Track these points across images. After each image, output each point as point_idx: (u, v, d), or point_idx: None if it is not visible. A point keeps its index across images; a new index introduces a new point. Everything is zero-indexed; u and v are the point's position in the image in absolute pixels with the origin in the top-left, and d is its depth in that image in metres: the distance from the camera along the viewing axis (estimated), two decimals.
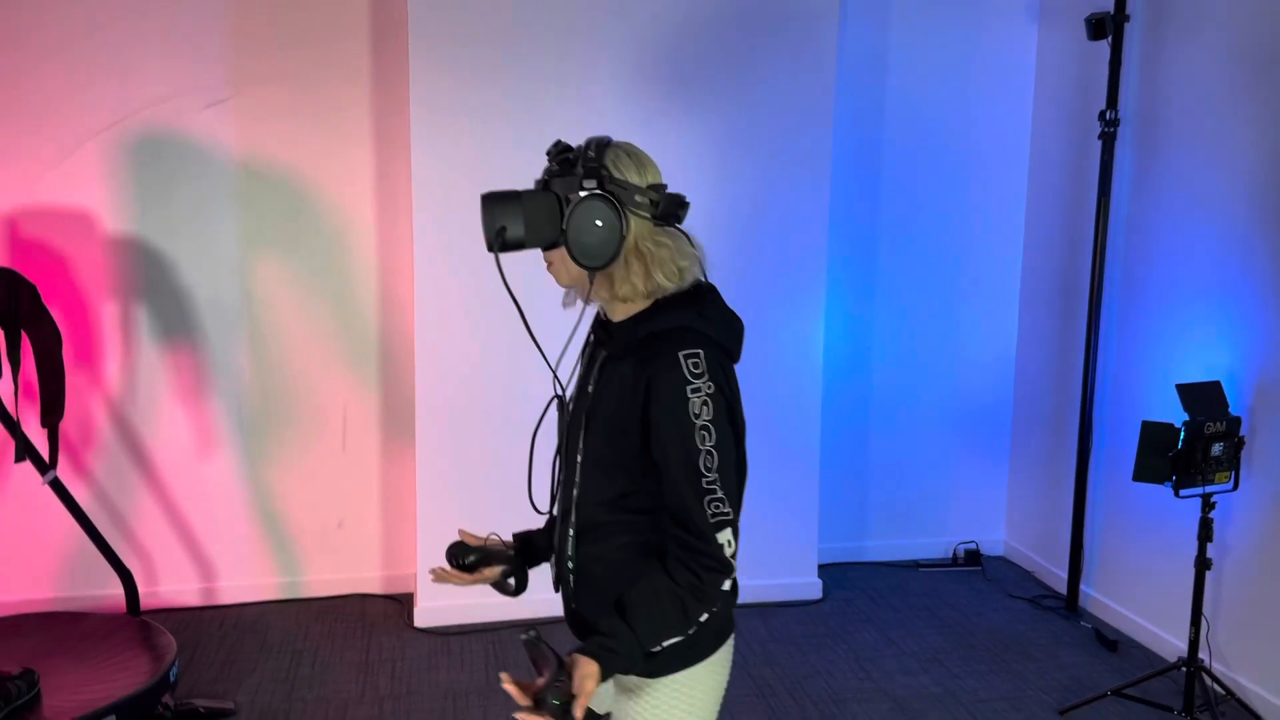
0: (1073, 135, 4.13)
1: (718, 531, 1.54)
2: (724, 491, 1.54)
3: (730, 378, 1.60)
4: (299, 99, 3.81)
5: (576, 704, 1.46)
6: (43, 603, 3.78)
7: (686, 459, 1.54)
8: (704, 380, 1.54)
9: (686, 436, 1.54)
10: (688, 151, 3.79)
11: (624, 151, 1.61)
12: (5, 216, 3.65)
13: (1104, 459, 3.94)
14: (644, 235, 1.59)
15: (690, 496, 1.54)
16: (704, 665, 1.68)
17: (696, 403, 1.53)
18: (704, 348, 1.56)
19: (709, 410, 1.54)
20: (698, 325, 1.59)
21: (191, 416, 3.89)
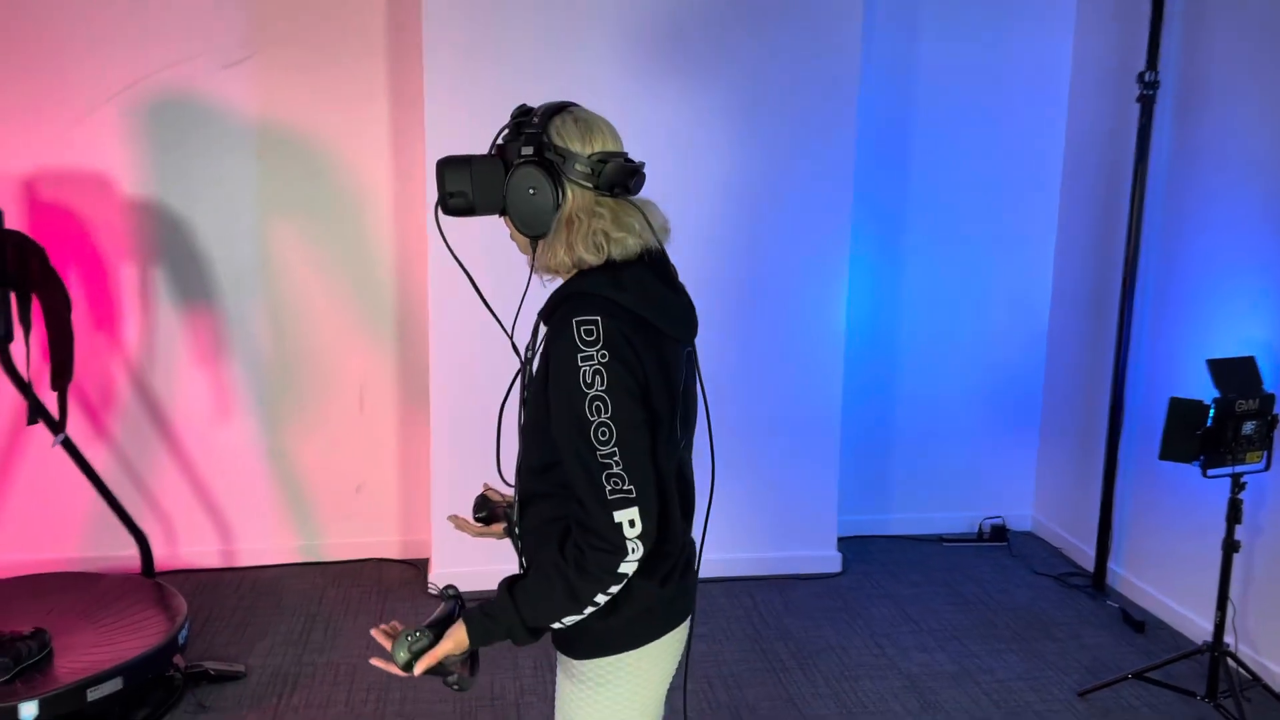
0: (1111, 97, 3.97)
1: (614, 510, 1.44)
2: (626, 468, 1.44)
3: (640, 351, 1.47)
4: (315, 59, 3.77)
5: (420, 660, 1.50)
6: (63, 562, 3.83)
7: (578, 431, 1.45)
8: (597, 349, 1.44)
9: (576, 407, 1.45)
10: (709, 117, 3.69)
11: (573, 118, 1.54)
12: (24, 179, 3.66)
13: (1135, 435, 3.82)
14: (582, 205, 1.53)
15: (582, 471, 1.45)
16: (630, 657, 1.60)
17: (588, 372, 1.44)
18: (603, 315, 1.46)
19: (602, 381, 1.43)
20: (605, 291, 1.49)
21: (210, 380, 3.90)
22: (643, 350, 1.47)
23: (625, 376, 1.45)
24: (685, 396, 1.59)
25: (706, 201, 3.74)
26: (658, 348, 1.51)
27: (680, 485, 1.62)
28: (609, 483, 1.44)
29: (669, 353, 1.54)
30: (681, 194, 3.66)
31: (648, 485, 1.47)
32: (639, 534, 1.45)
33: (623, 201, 1.54)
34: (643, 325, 1.50)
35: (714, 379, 3.81)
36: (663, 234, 1.58)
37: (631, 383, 1.46)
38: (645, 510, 1.46)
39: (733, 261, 3.76)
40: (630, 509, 1.45)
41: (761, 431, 3.90)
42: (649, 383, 1.48)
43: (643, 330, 1.49)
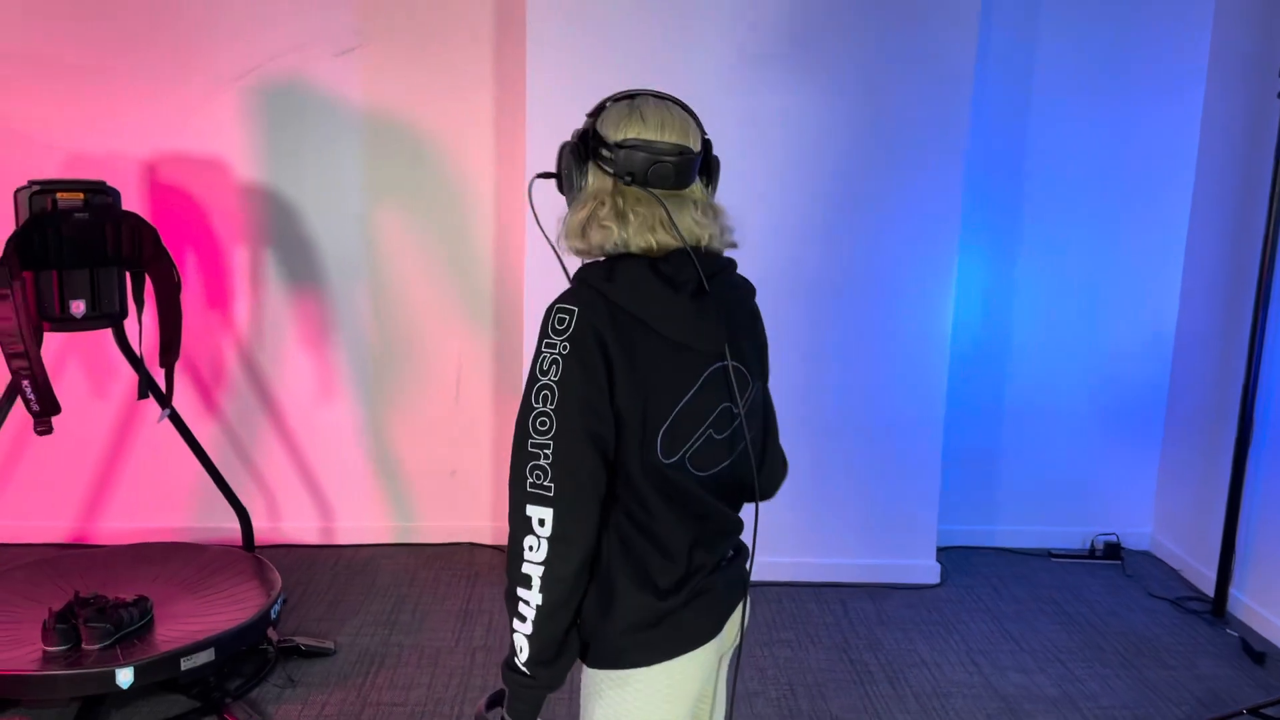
0: (1253, 93, 3.71)
1: (529, 503, 1.40)
2: (553, 464, 1.39)
3: (615, 352, 1.40)
4: (422, 48, 3.80)
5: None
6: (170, 532, 3.98)
7: (521, 414, 1.42)
8: (561, 339, 1.39)
9: (527, 390, 1.42)
10: (817, 114, 3.59)
11: (625, 104, 1.51)
12: (146, 162, 3.79)
13: (1265, 454, 3.56)
14: (597, 190, 1.50)
15: (513, 456, 1.43)
16: (637, 675, 1.50)
17: (546, 359, 1.40)
18: (582, 307, 1.40)
19: (557, 371, 1.39)
20: (595, 282, 1.43)
21: (314, 361, 3.99)
22: (619, 351, 1.40)
23: (580, 375, 1.39)
24: (691, 411, 1.48)
25: (809, 199, 3.63)
26: (649, 351, 1.43)
27: (684, 499, 1.50)
28: (531, 474, 1.41)
29: (670, 360, 1.45)
30: (783, 191, 3.57)
31: (575, 490, 1.40)
32: (549, 535, 1.40)
33: (647, 194, 1.47)
34: (635, 324, 1.42)
35: (812, 379, 3.72)
36: (699, 236, 1.49)
37: (584, 384, 1.39)
38: (562, 514, 1.40)
39: (836, 260, 3.65)
40: (544, 507, 1.40)
41: (859, 434, 3.79)
42: (615, 385, 1.41)
43: (632, 330, 1.42)
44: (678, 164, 1.48)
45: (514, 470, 1.43)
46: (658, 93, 1.54)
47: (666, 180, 1.48)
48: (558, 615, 1.45)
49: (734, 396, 1.55)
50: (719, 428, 1.54)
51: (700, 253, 1.50)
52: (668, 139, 1.48)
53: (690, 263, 1.47)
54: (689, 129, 1.51)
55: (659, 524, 1.48)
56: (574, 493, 1.41)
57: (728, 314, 1.53)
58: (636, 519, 1.48)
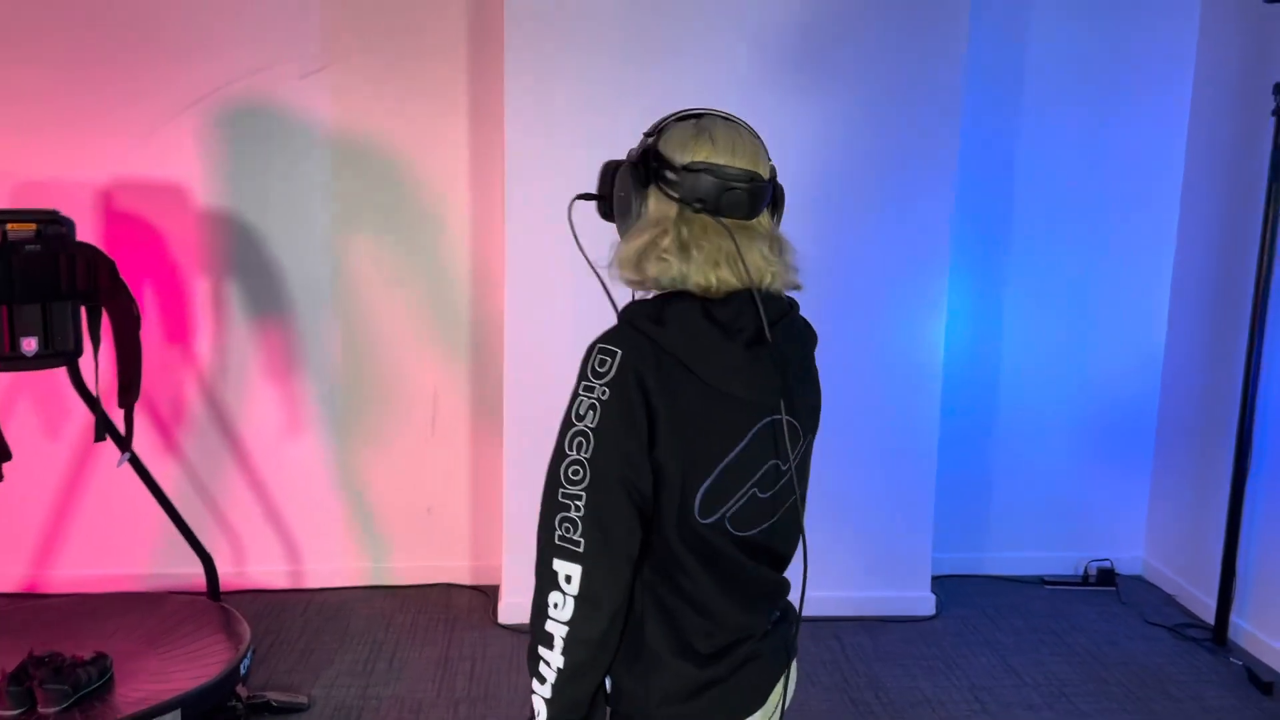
0: (1241, 111, 3.67)
1: (555, 557, 1.28)
2: (584, 517, 1.27)
3: (655, 400, 1.27)
4: (393, 68, 3.65)
5: None
6: (129, 579, 3.76)
7: (554, 460, 1.31)
8: (601, 383, 1.27)
9: (562, 436, 1.31)
10: (801, 132, 3.49)
11: (691, 124, 1.37)
12: (100, 189, 3.60)
13: (1265, 474, 3.50)
14: (662, 218, 1.35)
15: (542, 504, 1.31)
16: None
17: (584, 403, 1.28)
18: (626, 350, 1.27)
19: (594, 417, 1.27)
20: (642, 324, 1.30)
21: (281, 396, 3.80)
22: (663, 401, 1.27)
23: (619, 423, 1.27)
24: (737, 468, 1.34)
25: (796, 217, 3.52)
26: (695, 402, 1.29)
27: (722, 561, 1.36)
28: (560, 526, 1.29)
29: (718, 412, 1.31)
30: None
31: (606, 546, 1.28)
32: (576, 593, 1.28)
33: (716, 224, 1.33)
34: (683, 372, 1.29)
35: None
36: (765, 274, 1.35)
37: (623, 433, 1.27)
38: (591, 572, 1.27)
39: (825, 282, 3.55)
40: (571, 563, 1.28)
41: (851, 462, 3.67)
42: (656, 437, 1.28)
43: (679, 378, 1.28)
44: (750, 191, 1.34)
45: (543, 519, 1.31)
46: (724, 114, 1.41)
47: (739, 209, 1.34)
48: (580, 680, 1.32)
49: (784, 453, 1.41)
50: (764, 486, 1.39)
51: (762, 294, 1.35)
52: (739, 164, 1.35)
53: (750, 306, 1.34)
54: (759, 154, 1.39)
55: (698, 586, 1.35)
56: (605, 549, 1.28)
57: (785, 363, 1.39)
58: (673, 580, 1.34)
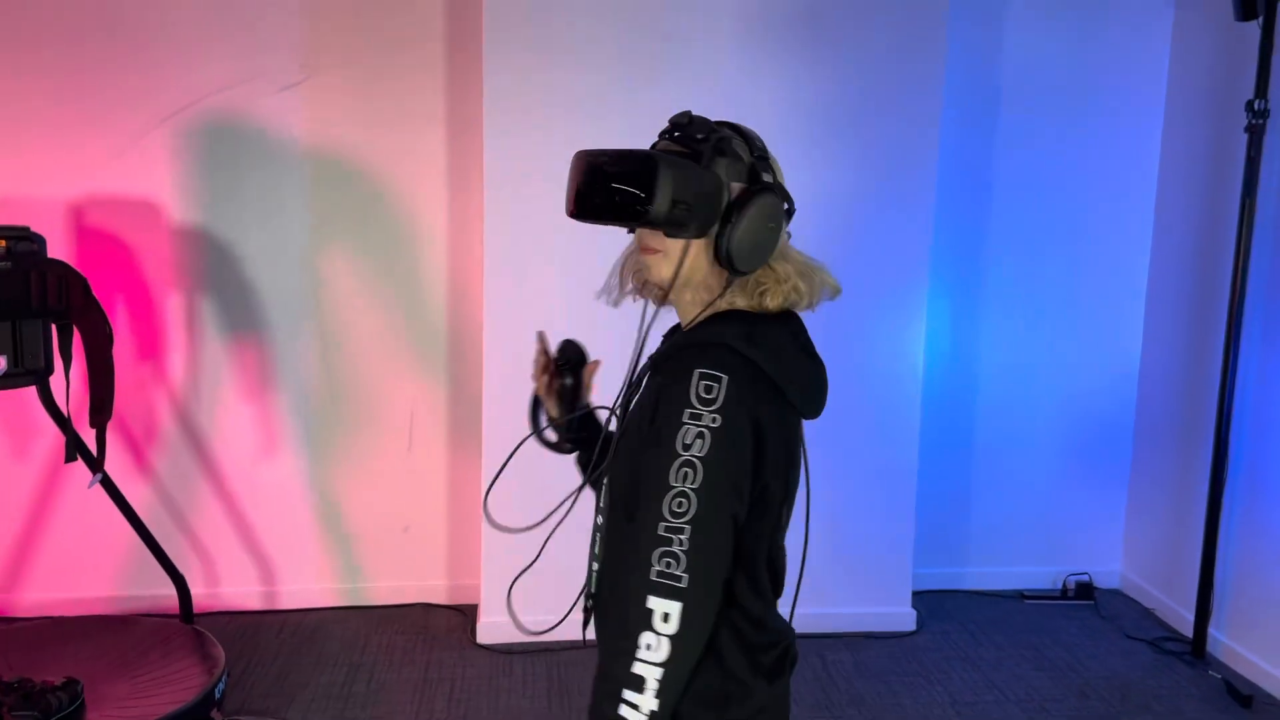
0: (1213, 127, 3.71)
1: (651, 594, 1.23)
2: (689, 552, 1.23)
3: (762, 425, 1.27)
4: (371, 83, 3.63)
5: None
6: (102, 602, 3.69)
7: (655, 493, 1.25)
8: (711, 410, 1.24)
9: (664, 468, 1.25)
10: (778, 147, 3.49)
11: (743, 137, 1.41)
12: (71, 205, 3.55)
13: (1241, 488, 3.53)
14: (783, 246, 1.40)
15: (643, 541, 1.25)
16: None
17: (690, 432, 1.24)
18: (732, 376, 1.26)
19: (703, 445, 1.23)
20: (739, 345, 1.29)
21: (256, 413, 3.75)
22: (768, 426, 1.27)
23: (729, 452, 1.24)
24: (798, 484, 1.42)
25: None
26: (785, 424, 1.32)
27: (770, 572, 1.40)
28: (660, 561, 1.24)
29: (795, 432, 1.35)
30: None
31: (708, 582, 1.25)
32: (673, 633, 1.23)
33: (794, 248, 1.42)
34: (775, 394, 1.29)
35: None
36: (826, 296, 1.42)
37: (734, 462, 1.25)
38: (692, 610, 1.23)
39: None
40: (671, 600, 1.23)
41: (831, 478, 3.66)
42: (763, 463, 1.28)
43: (773, 400, 1.29)
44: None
45: (641, 554, 1.25)
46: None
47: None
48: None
49: (807, 464, 1.46)
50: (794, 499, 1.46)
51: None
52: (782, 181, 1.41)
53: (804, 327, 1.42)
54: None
55: (764, 602, 1.38)
56: (707, 584, 1.25)
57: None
58: (742, 603, 1.34)
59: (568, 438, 1.65)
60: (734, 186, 1.33)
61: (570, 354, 1.63)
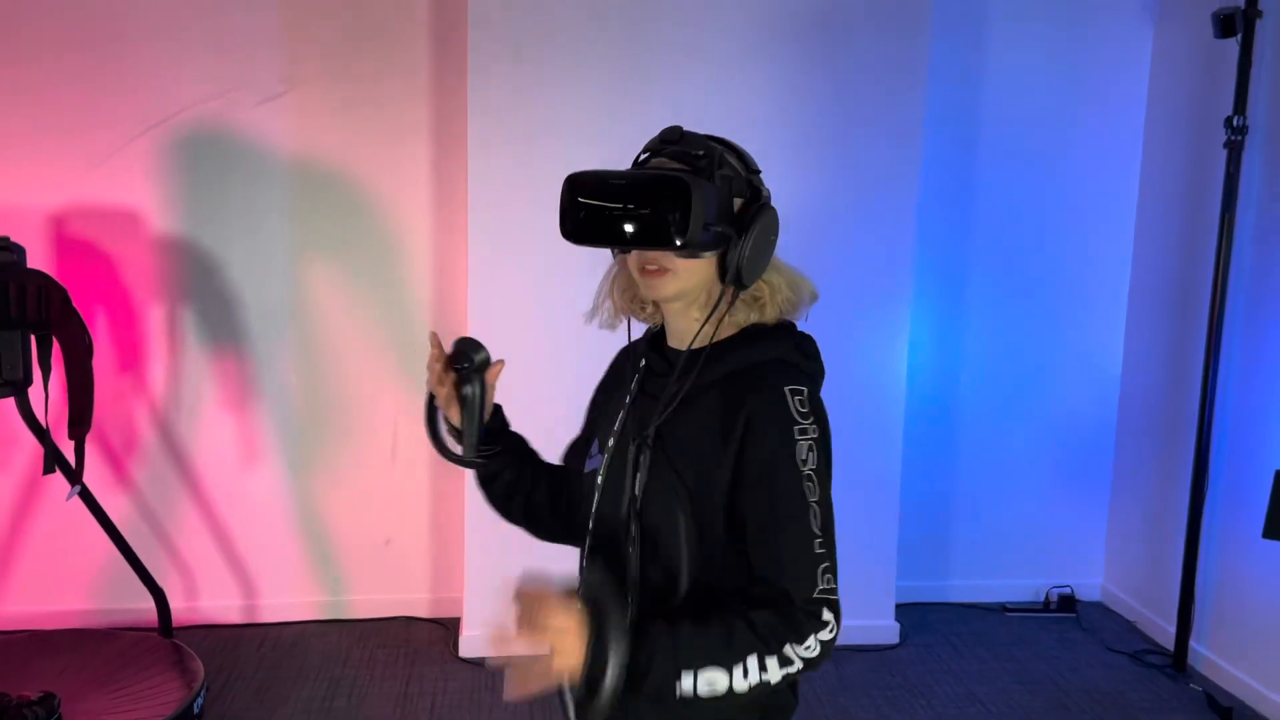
0: (1193, 143, 3.75)
1: (824, 609, 1.28)
2: (833, 559, 1.30)
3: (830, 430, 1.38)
4: (355, 95, 3.62)
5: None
6: (79, 615, 3.64)
7: (794, 515, 1.29)
8: (809, 422, 1.32)
9: (796, 485, 1.30)
10: (763, 152, 3.50)
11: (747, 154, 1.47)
12: (51, 215, 3.52)
13: (1221, 502, 3.55)
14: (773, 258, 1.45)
15: (794, 564, 1.28)
16: None
17: (803, 447, 1.31)
18: (810, 385, 1.36)
19: (814, 457, 1.31)
20: (797, 359, 1.39)
21: (237, 425, 3.73)
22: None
23: (828, 457, 1.35)
24: None
25: None
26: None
27: None
28: (823, 579, 1.30)
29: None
30: None
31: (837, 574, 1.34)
32: (830, 638, 1.30)
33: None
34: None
35: None
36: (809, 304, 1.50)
37: (830, 468, 1.36)
38: (840, 615, 1.32)
39: None
40: (831, 612, 1.29)
41: None
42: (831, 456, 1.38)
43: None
44: None
45: (802, 578, 1.28)
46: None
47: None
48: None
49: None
50: None
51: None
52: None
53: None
54: None
55: None
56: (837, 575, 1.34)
57: None
58: None
59: (480, 453, 1.51)
60: (735, 202, 1.35)
61: (470, 354, 1.45)
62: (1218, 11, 3.41)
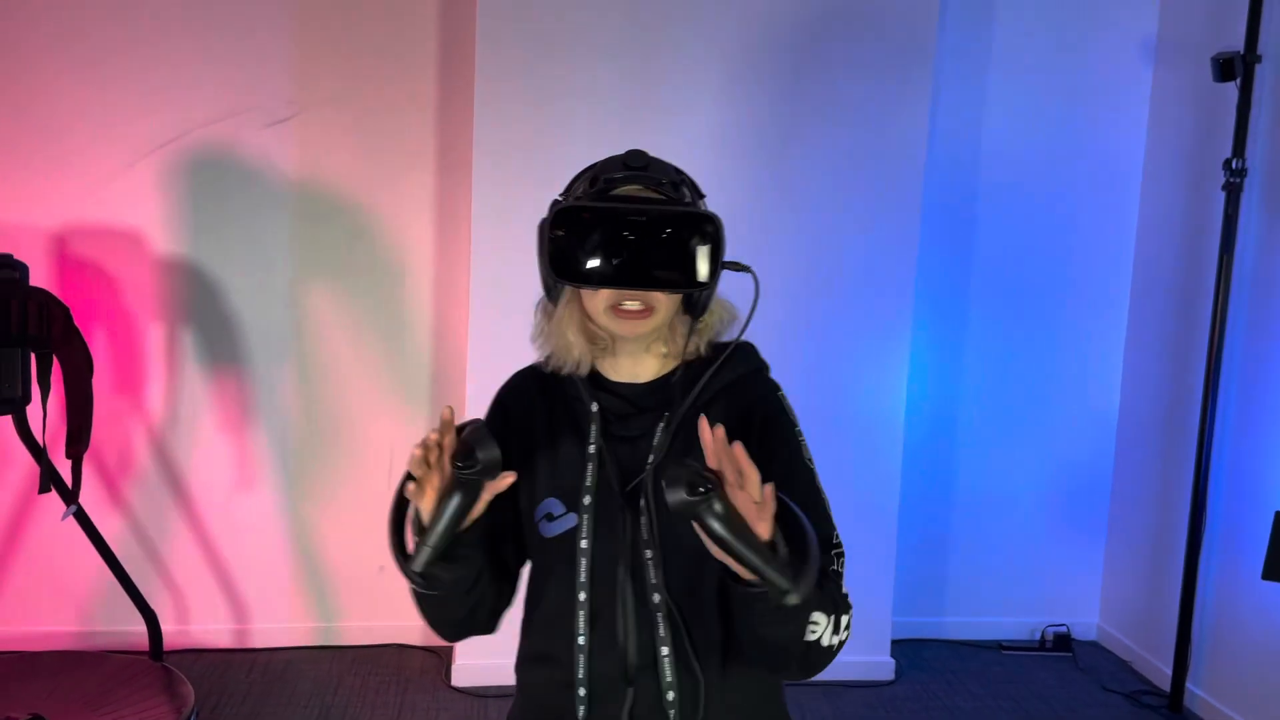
0: (1191, 185, 3.78)
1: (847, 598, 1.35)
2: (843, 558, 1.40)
3: None
4: (361, 121, 3.64)
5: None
6: (68, 637, 3.61)
7: (815, 507, 1.36)
8: (798, 425, 1.46)
9: (811, 485, 1.39)
10: (763, 197, 3.53)
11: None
12: (54, 233, 3.52)
13: (1218, 543, 3.55)
14: None
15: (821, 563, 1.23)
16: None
17: (805, 447, 1.43)
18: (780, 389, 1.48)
19: (810, 456, 1.45)
20: (762, 364, 1.51)
21: (233, 448, 3.71)
22: None
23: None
24: None
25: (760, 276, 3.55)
26: None
27: None
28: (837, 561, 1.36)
29: None
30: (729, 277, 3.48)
31: None
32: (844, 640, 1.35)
33: None
34: None
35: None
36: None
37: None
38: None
39: (787, 342, 3.56)
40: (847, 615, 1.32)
41: None
42: None
43: None
44: None
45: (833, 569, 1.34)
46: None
47: None
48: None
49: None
50: None
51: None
52: None
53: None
54: None
55: None
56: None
57: None
58: None
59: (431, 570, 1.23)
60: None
61: (475, 453, 1.19)
62: (1217, 55, 3.45)
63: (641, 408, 1.40)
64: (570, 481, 1.38)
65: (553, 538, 1.39)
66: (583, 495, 1.36)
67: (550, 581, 1.42)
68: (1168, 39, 3.95)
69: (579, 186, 1.38)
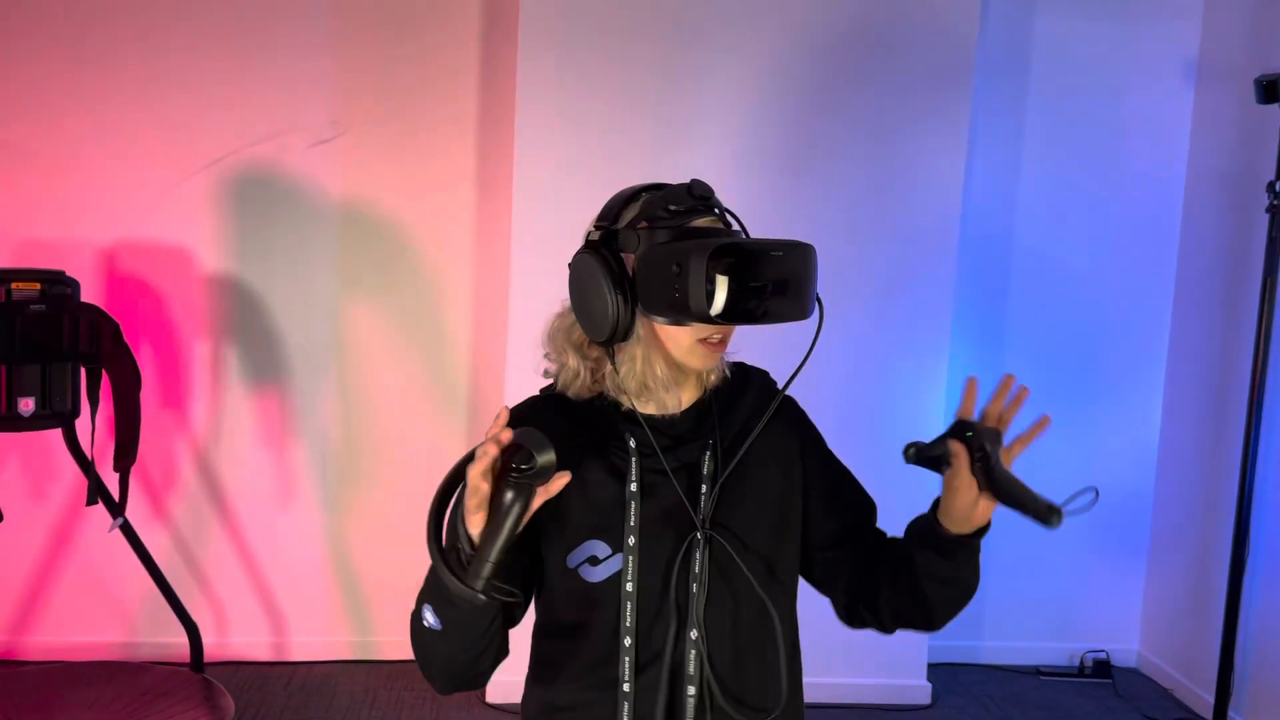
0: (1234, 210, 3.74)
1: None
2: None
3: None
4: (404, 141, 3.70)
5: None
6: (110, 648, 3.66)
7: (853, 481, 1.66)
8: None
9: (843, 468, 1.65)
10: (800, 225, 3.54)
11: None
12: (105, 250, 3.60)
13: (1262, 568, 3.50)
14: None
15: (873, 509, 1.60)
16: None
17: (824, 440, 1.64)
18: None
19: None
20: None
21: (274, 462, 3.77)
22: None
23: None
24: None
25: None
26: None
27: None
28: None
29: None
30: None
31: None
32: None
33: None
34: None
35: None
36: None
37: None
38: None
39: (823, 366, 3.56)
40: None
41: None
42: None
43: None
44: None
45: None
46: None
47: None
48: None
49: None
50: None
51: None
52: None
53: None
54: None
55: None
56: None
57: None
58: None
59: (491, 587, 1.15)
60: None
61: (533, 454, 1.10)
62: (1260, 77, 3.42)
63: (680, 437, 1.39)
64: (612, 520, 1.33)
65: (597, 582, 1.33)
66: (626, 535, 1.32)
67: (587, 628, 1.35)
68: (1209, 62, 3.92)
69: (629, 214, 1.36)
